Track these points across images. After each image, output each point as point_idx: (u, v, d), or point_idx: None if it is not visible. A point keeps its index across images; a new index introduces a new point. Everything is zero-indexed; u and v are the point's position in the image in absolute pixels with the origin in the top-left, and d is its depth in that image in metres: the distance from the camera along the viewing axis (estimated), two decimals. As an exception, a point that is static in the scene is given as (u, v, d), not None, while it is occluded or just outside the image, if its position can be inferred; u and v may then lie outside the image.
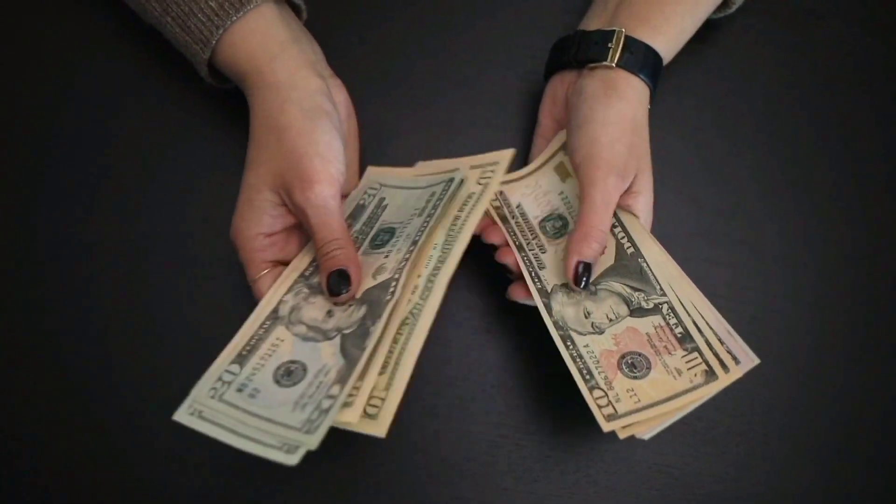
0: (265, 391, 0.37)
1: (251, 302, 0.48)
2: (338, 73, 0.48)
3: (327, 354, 0.38)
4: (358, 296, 0.40)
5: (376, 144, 0.51)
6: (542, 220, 0.47)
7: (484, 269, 0.48)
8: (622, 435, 0.38)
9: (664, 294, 0.42)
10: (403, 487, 0.46)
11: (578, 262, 0.41)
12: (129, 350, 0.48)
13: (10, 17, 0.53)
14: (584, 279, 0.42)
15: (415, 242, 0.40)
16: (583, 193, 0.42)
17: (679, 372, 0.39)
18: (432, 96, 0.53)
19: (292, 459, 0.33)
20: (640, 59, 0.43)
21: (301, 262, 0.43)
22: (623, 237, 0.44)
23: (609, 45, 0.44)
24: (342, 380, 0.36)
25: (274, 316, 0.41)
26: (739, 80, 0.54)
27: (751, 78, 0.54)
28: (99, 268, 0.49)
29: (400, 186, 0.47)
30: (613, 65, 0.43)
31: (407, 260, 0.39)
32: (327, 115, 0.42)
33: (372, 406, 0.36)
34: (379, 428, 0.35)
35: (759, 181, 0.52)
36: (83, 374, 0.47)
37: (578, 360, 0.41)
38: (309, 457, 0.45)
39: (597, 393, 0.40)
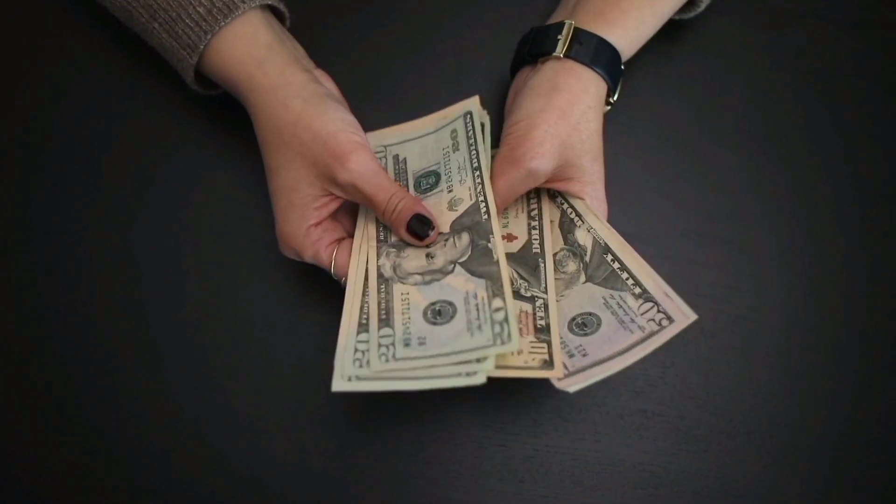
0: (430, 335, 0.38)
1: (246, 304, 0.49)
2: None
3: (460, 283, 0.40)
4: (445, 230, 0.42)
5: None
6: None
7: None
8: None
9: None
10: (389, 490, 0.46)
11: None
12: (126, 355, 0.48)
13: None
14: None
15: (476, 168, 0.43)
16: (494, 173, 0.43)
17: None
18: (417, 98, 0.53)
19: (480, 378, 0.35)
20: (591, 51, 0.43)
21: (369, 231, 0.44)
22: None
23: (558, 37, 0.44)
24: (496, 293, 0.38)
25: (383, 280, 0.42)
26: (721, 80, 0.54)
27: (733, 78, 0.54)
28: (94, 272, 0.49)
29: (407, 140, 0.48)
30: (561, 55, 0.44)
31: (481, 183, 0.42)
32: (328, 95, 0.43)
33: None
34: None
35: (743, 181, 0.52)
36: (80, 377, 0.47)
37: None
38: (301, 462, 0.46)
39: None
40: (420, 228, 0.41)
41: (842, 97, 0.54)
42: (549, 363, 0.39)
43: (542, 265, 0.44)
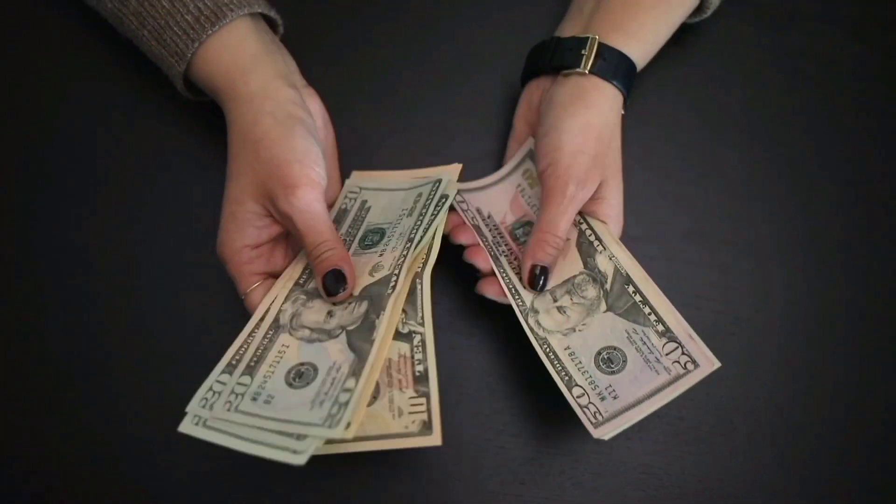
0: (280, 396, 0.37)
1: (244, 312, 0.49)
2: (319, 82, 0.48)
3: (335, 352, 0.39)
4: (356, 293, 0.41)
5: (360, 152, 0.51)
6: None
7: (466, 273, 0.48)
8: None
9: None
10: (389, 492, 0.46)
11: (534, 266, 0.42)
12: (123, 361, 0.48)
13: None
14: (541, 282, 0.43)
15: (410, 240, 0.41)
16: (542, 200, 0.43)
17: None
18: (415, 104, 0.53)
19: (300, 459, 0.33)
20: (613, 66, 0.43)
21: (294, 271, 0.44)
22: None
23: (582, 52, 0.44)
24: (355, 373, 0.36)
25: (276, 325, 0.41)
26: (722, 81, 0.54)
27: (733, 79, 0.54)
28: (94, 274, 0.49)
29: (381, 189, 0.47)
30: (586, 72, 0.43)
31: (405, 256, 0.41)
32: (301, 121, 0.42)
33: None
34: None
35: (744, 182, 0.52)
36: (80, 379, 0.48)
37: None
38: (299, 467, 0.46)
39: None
40: (332, 284, 0.40)
41: (842, 98, 0.53)
42: (427, 425, 0.37)
43: (420, 288, 0.41)
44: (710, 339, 0.48)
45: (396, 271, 0.40)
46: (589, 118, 0.43)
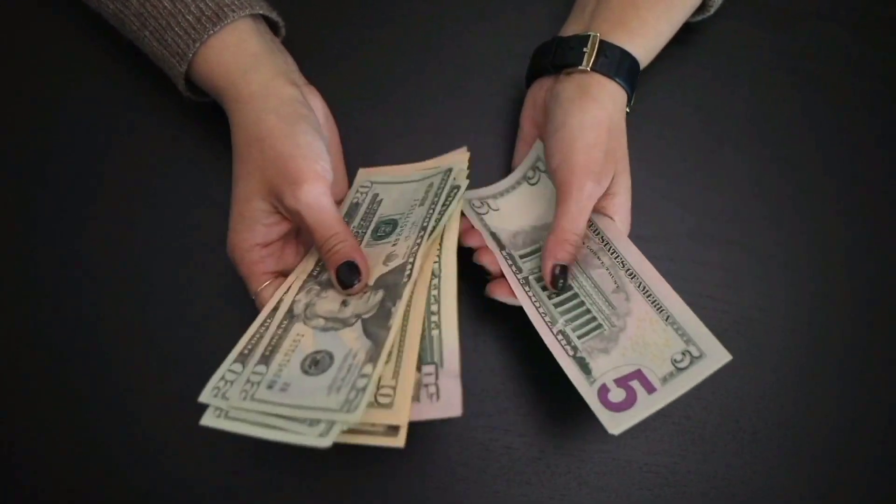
0: (296, 383, 0.37)
1: (249, 309, 0.48)
2: (323, 83, 0.48)
3: (350, 339, 0.39)
4: (370, 283, 0.41)
5: (364, 154, 0.51)
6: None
7: (471, 274, 0.48)
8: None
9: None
10: (396, 492, 0.46)
11: (554, 265, 0.42)
12: (128, 358, 0.48)
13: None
14: (561, 281, 0.42)
15: (423, 228, 0.41)
16: (558, 198, 0.42)
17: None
18: (419, 104, 0.53)
19: (326, 442, 0.33)
20: (616, 63, 0.43)
21: (307, 265, 0.44)
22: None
23: (584, 49, 0.44)
24: (372, 359, 0.36)
25: (290, 315, 0.41)
26: (725, 81, 0.53)
27: (736, 79, 0.53)
28: (95, 276, 0.49)
29: (392, 182, 0.47)
30: (588, 69, 0.43)
31: (419, 245, 0.41)
32: (304, 118, 0.42)
33: (383, 395, 0.36)
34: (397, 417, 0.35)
35: (748, 182, 0.51)
36: (81, 380, 0.48)
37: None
38: (305, 463, 0.46)
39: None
40: (346, 276, 0.40)
41: (845, 97, 0.53)
42: (393, 427, 0.36)
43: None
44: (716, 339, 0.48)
45: (411, 259, 0.40)
46: (597, 113, 0.42)
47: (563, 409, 0.48)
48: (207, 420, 0.37)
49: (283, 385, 0.37)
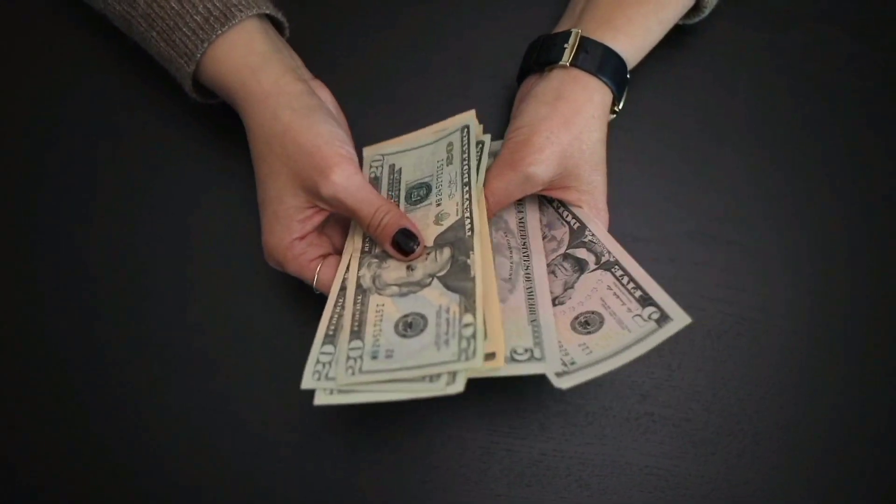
0: (398, 348, 0.38)
1: (250, 311, 0.49)
2: (325, 82, 0.48)
3: (434, 296, 0.39)
4: (429, 244, 0.42)
5: (358, 149, 0.51)
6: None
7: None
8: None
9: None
10: (397, 495, 0.46)
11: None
12: (129, 360, 0.48)
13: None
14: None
15: (466, 184, 0.42)
16: (500, 161, 0.43)
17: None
18: (421, 103, 0.53)
19: (457, 387, 0.35)
20: (598, 59, 0.43)
21: (355, 244, 0.44)
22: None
23: (565, 45, 0.44)
24: (469, 309, 0.37)
25: (361, 291, 0.41)
26: (723, 82, 0.54)
27: (734, 80, 0.54)
28: (97, 277, 0.49)
29: (404, 150, 0.48)
30: (567, 64, 0.43)
31: (468, 199, 0.42)
32: (319, 108, 0.43)
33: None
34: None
35: (747, 183, 0.52)
36: (82, 381, 0.47)
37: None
38: (304, 465, 0.46)
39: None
40: (405, 243, 0.41)
41: (843, 98, 0.54)
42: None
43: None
44: (715, 340, 0.49)
45: (468, 214, 0.41)
46: (558, 107, 0.43)
47: (565, 411, 0.48)
48: (321, 399, 0.37)
49: (386, 352, 0.38)
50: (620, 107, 0.46)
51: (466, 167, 0.43)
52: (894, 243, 0.51)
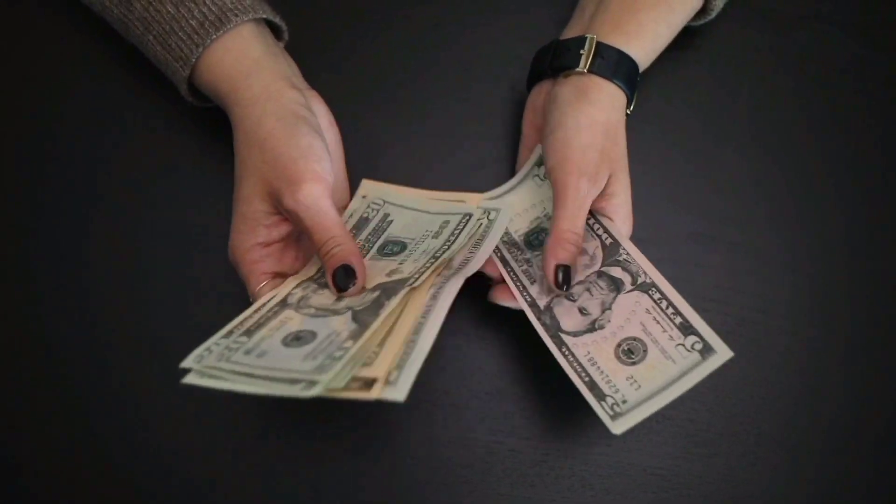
0: (273, 352, 0.37)
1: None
2: (325, 87, 0.48)
3: (338, 323, 0.39)
4: (368, 287, 0.41)
5: (367, 159, 0.51)
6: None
7: (473, 278, 0.48)
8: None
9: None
10: (400, 495, 0.46)
11: (557, 266, 0.42)
12: (130, 360, 0.48)
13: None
14: (565, 281, 0.42)
15: (435, 257, 0.42)
16: (555, 198, 0.42)
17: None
18: (422, 108, 0.53)
19: (314, 392, 0.33)
20: (613, 64, 0.43)
21: (309, 271, 0.44)
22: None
23: (581, 52, 0.44)
24: (354, 336, 0.36)
25: (283, 303, 0.41)
26: (726, 83, 0.54)
27: (737, 81, 0.54)
28: (97, 278, 0.49)
29: (406, 207, 0.48)
30: (585, 71, 0.43)
31: (427, 267, 0.41)
32: (305, 120, 0.42)
33: (367, 358, 0.36)
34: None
35: (749, 184, 0.52)
36: (82, 382, 0.48)
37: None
38: (304, 465, 0.47)
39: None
40: (341, 280, 0.40)
41: (846, 99, 0.53)
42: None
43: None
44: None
45: (416, 276, 0.40)
46: (593, 114, 0.43)
47: (567, 411, 0.48)
48: (191, 379, 0.37)
49: (260, 352, 0.37)
50: (631, 109, 0.46)
51: (446, 247, 0.43)
52: (894, 244, 0.51)
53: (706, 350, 0.39)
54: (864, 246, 0.51)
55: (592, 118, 0.43)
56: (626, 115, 0.45)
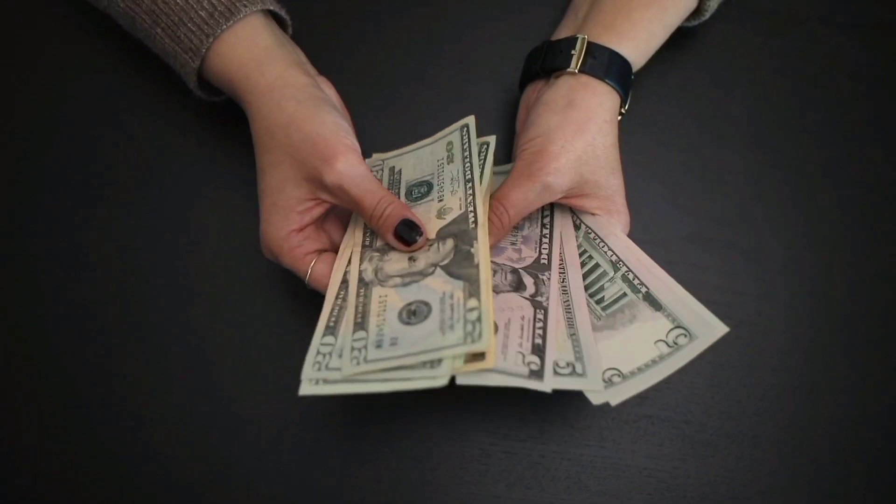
0: (403, 336, 0.37)
1: (251, 310, 0.49)
2: (327, 86, 0.48)
3: (438, 284, 0.39)
4: (432, 237, 0.41)
5: (365, 156, 0.51)
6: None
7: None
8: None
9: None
10: (396, 496, 0.46)
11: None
12: (130, 360, 0.48)
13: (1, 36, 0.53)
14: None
15: (468, 180, 0.42)
16: (515, 174, 0.43)
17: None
18: (420, 107, 0.53)
19: (441, 380, 0.34)
20: (605, 64, 0.44)
21: (355, 237, 0.44)
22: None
23: (572, 52, 0.44)
24: (473, 294, 0.37)
25: (363, 283, 0.41)
26: (723, 85, 0.54)
27: (735, 83, 0.54)
28: (98, 278, 0.49)
29: (403, 153, 0.48)
30: (576, 71, 0.44)
31: (472, 195, 0.41)
32: (324, 100, 0.43)
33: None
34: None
35: (747, 186, 0.52)
36: (82, 382, 0.47)
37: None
38: (304, 468, 0.46)
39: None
40: (407, 234, 0.41)
41: (843, 100, 0.54)
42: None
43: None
44: (716, 343, 0.48)
45: (471, 208, 0.41)
46: (569, 115, 0.43)
47: (564, 413, 0.48)
48: (306, 389, 0.37)
49: (391, 340, 0.37)
50: (625, 109, 0.46)
51: (468, 164, 0.43)
52: (894, 245, 0.52)
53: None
54: (862, 247, 0.52)
55: (566, 117, 0.43)
56: (621, 114, 0.46)
